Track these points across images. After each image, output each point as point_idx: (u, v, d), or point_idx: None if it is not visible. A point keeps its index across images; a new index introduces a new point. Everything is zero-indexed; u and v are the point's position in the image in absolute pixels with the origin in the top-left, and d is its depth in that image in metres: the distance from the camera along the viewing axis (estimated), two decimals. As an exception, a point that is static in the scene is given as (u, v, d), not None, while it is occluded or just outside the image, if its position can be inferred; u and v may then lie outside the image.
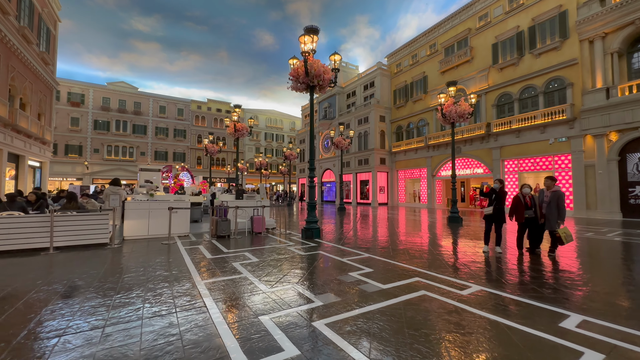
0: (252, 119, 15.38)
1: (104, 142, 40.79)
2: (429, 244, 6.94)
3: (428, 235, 8.21)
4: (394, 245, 6.73)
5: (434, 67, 23.57)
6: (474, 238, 7.86)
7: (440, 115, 11.90)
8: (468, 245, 6.77)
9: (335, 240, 7.38)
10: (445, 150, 22.30)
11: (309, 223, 7.61)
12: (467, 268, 4.72)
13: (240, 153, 50.26)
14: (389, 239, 7.54)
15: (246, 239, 7.53)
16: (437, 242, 7.16)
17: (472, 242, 7.28)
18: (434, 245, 6.80)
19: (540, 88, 16.64)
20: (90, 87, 40.72)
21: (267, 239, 7.45)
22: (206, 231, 8.69)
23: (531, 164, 17.21)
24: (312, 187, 7.75)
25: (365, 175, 27.71)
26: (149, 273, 4.30)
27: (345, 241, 7.20)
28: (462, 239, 7.64)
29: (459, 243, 7.11)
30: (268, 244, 6.83)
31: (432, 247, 6.56)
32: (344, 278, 4.10)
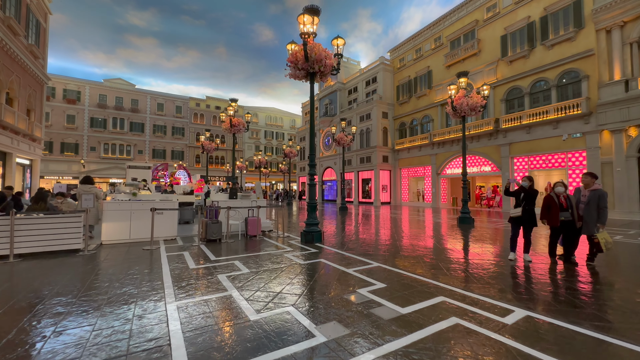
0: (249, 114, 14.59)
1: (100, 140, 40.06)
2: (443, 249, 6.16)
3: (439, 238, 7.43)
4: (404, 250, 5.95)
5: (439, 61, 22.71)
6: (492, 242, 7.08)
7: (449, 109, 11.09)
8: (489, 251, 5.98)
9: (338, 244, 6.60)
10: (450, 147, 21.49)
11: (309, 225, 6.83)
12: (498, 282, 3.94)
13: (239, 151, 49.50)
14: (398, 243, 6.76)
15: (239, 243, 6.75)
16: (452, 247, 6.38)
17: (492, 246, 6.50)
18: (449, 250, 6.02)
19: (552, 81, 15.80)
20: (87, 84, 39.95)
21: (262, 244, 6.68)
22: (197, 234, 7.92)
23: (542, 161, 16.39)
24: (312, 185, 6.97)
25: (367, 174, 26.92)
26: (113, 290, 3.53)
27: (349, 246, 6.42)
28: (479, 243, 6.86)
29: (477, 248, 6.32)
30: (263, 249, 6.06)
31: (448, 253, 5.78)
32: (351, 297, 3.33)
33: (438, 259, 5.22)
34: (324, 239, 7.22)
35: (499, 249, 6.28)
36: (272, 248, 6.18)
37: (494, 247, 6.42)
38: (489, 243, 6.94)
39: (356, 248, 6.20)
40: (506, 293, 3.51)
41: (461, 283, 3.87)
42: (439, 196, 22.56)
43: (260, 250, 5.93)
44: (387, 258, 5.29)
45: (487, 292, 3.54)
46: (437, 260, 5.17)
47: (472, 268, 4.66)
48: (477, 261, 5.14)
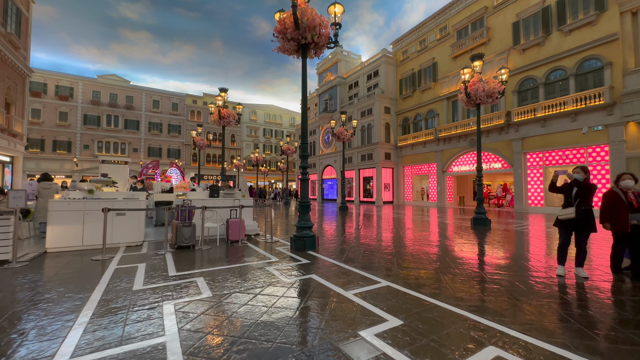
0: (240, 105, 13.39)
1: (94, 138, 38.97)
2: (464, 258, 4.96)
3: (456, 244, 6.23)
4: (416, 261, 4.75)
5: (445, 52, 21.46)
6: (520, 249, 5.87)
7: (462, 96, 9.87)
8: (524, 263, 4.77)
9: (335, 252, 5.41)
10: (457, 143, 20.25)
11: (301, 229, 5.64)
12: (561, 314, 2.74)
13: (237, 149, 48.34)
14: (407, 251, 5.56)
15: (216, 251, 5.57)
16: (475, 256, 5.18)
17: (525, 256, 5.29)
18: (472, 261, 4.81)
19: (570, 70, 14.55)
20: (80, 80, 38.85)
21: (243, 251, 5.49)
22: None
23: (559, 157, 15.14)
24: (305, 180, 5.78)
25: (368, 172, 25.70)
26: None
27: (349, 255, 5.22)
28: (505, 251, 5.65)
29: (507, 258, 5.11)
30: (242, 259, 4.87)
31: (473, 265, 4.57)
32: (352, 350, 2.13)
33: (464, 275, 4.02)
34: (319, 245, 6.03)
35: (535, 259, 5.07)
36: (254, 258, 4.99)
37: (529, 257, 5.21)
38: (519, 251, 5.73)
39: (357, 258, 5.01)
40: (585, 337, 2.31)
41: (511, 317, 2.67)
42: (445, 195, 21.33)
43: (238, 261, 4.73)
44: (397, 273, 4.09)
45: (559, 334, 2.34)
46: (463, 276, 3.97)
47: (515, 291, 3.45)
48: (517, 278, 3.93)
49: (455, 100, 20.71)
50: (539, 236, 7.48)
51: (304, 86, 6.01)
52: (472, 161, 19.65)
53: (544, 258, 5.09)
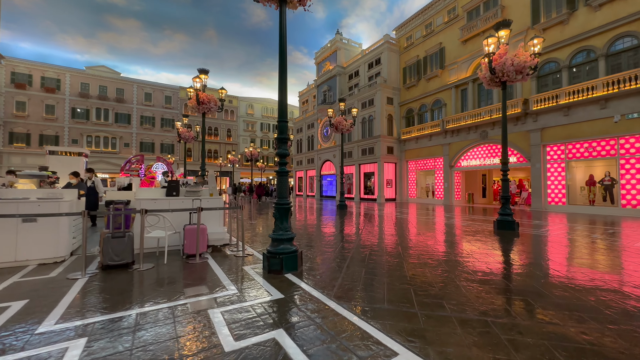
0: (224, 89, 11.71)
1: (83, 132, 37.33)
2: (524, 289, 3.34)
3: (492, 259, 4.61)
4: (452, 296, 3.13)
5: (453, 36, 19.66)
6: (592, 265, 4.24)
7: (484, 74, 8.17)
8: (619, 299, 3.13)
9: (326, 276, 3.80)
10: (467, 135, 18.55)
11: (277, 243, 4.01)
12: None
13: (233, 144, 46.65)
14: (431, 274, 3.94)
15: (157, 272, 3.96)
16: (534, 284, 3.55)
17: (601, 276, 3.66)
18: (537, 294, 3.18)
19: (600, 50, 12.80)
20: (67, 72, 37.09)
21: (196, 274, 3.89)
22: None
23: (584, 149, 13.46)
24: (283, 174, 4.14)
25: (369, 167, 24.04)
26: None
27: (345, 282, 3.61)
28: (569, 267, 4.02)
29: (582, 283, 3.47)
30: (182, 292, 3.26)
31: (547, 305, 2.94)
32: None
33: (548, 335, 2.39)
34: (304, 263, 4.42)
35: (613, 279, 3.43)
36: (204, 288, 3.37)
37: (602, 276, 3.57)
38: (591, 266, 4.09)
39: (357, 287, 3.39)
40: None
41: None
42: (453, 192, 19.68)
43: (175, 295, 3.12)
44: (425, 327, 2.46)
45: None
46: (548, 336, 2.34)
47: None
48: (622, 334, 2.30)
49: (465, 89, 18.97)
50: (599, 248, 5.85)
51: (281, 42, 4.36)
52: (484, 155, 17.97)
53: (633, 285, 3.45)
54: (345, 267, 4.22)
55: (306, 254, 4.98)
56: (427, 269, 4.08)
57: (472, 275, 3.77)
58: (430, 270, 4.02)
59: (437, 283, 3.49)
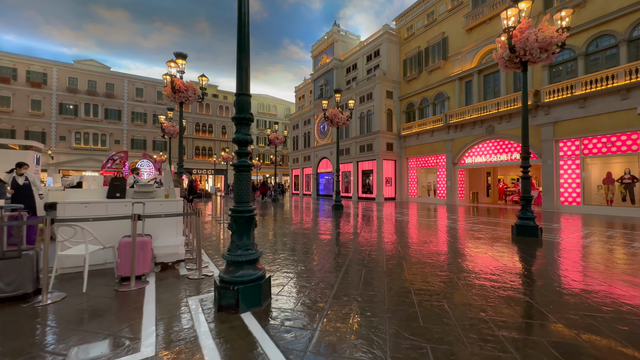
0: (204, 77, 10.45)
1: (71, 129, 35.95)
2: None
3: (528, 280, 3.46)
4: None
5: (457, 24, 18.45)
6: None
7: (500, 54, 6.99)
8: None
9: (302, 318, 2.64)
10: (471, 130, 17.38)
11: (234, 266, 2.82)
12: None
13: (228, 142, 45.34)
14: (454, 315, 2.78)
15: (66, 307, 2.79)
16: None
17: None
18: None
19: (621, 35, 11.63)
20: (54, 66, 35.65)
21: (118, 311, 2.73)
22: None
23: (602, 144, 12.32)
24: (243, 168, 2.95)
25: (368, 164, 22.86)
26: None
27: (329, 327, 2.44)
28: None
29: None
30: (70, 355, 2.08)
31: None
32: None
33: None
34: (276, 292, 3.25)
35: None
36: (103, 345, 2.18)
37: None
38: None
39: (347, 340, 2.22)
40: None
41: None
42: (456, 191, 18.54)
43: (57, 354, 1.94)
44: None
45: None
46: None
47: None
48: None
49: (470, 81, 17.78)
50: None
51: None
52: (490, 151, 16.81)
53: None
54: (331, 298, 3.05)
55: (283, 274, 3.81)
56: (452, 309, 2.91)
57: (510, 311, 2.60)
58: (459, 314, 2.84)
59: (472, 342, 2.31)
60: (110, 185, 4.41)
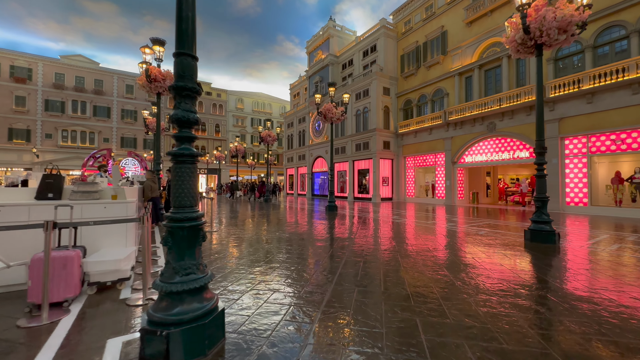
0: (185, 66, 9.62)
1: (57, 126, 34.71)
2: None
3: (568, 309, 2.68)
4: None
5: (457, 18, 17.74)
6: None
7: (511, 38, 6.20)
8: None
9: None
10: (472, 127, 16.67)
11: (171, 299, 1.99)
12: None
13: (222, 140, 44.34)
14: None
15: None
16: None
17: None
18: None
19: (633, 26, 10.97)
20: (39, 61, 34.39)
21: (1, 357, 1.87)
22: None
23: (611, 141, 11.65)
24: (184, 159, 2.10)
25: (364, 163, 22.07)
26: None
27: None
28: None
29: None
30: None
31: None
32: None
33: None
34: (234, 326, 2.42)
35: None
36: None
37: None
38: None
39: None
40: None
41: None
42: (455, 191, 17.82)
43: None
44: None
45: None
46: None
47: None
48: None
49: (470, 76, 17.06)
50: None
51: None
52: (491, 149, 16.11)
53: None
54: (313, 337, 2.22)
55: (253, 296, 2.98)
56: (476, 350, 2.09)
57: None
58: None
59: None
60: (40, 184, 3.53)
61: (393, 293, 3.10)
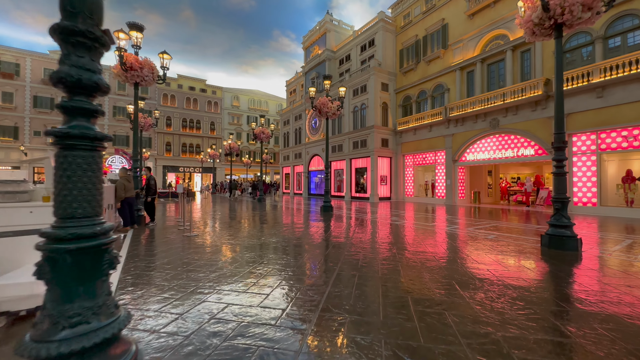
0: (166, 54, 8.78)
1: (46, 123, 33.72)
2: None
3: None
4: None
5: (459, 10, 17.03)
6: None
7: (526, 17, 5.50)
8: None
9: None
10: (473, 124, 15.99)
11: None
12: None
13: (217, 139, 43.45)
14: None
15: None
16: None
17: None
18: None
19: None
20: (27, 56, 33.33)
21: None
22: None
23: (622, 138, 11.00)
24: (72, 140, 1.37)
25: (362, 162, 21.36)
26: None
27: None
28: None
29: None
30: None
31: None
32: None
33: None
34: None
35: None
36: None
37: None
38: None
39: None
40: None
41: None
42: (456, 190, 17.15)
43: None
44: None
45: None
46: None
47: None
48: None
49: (472, 71, 16.37)
50: None
51: None
52: (494, 147, 15.44)
53: None
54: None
55: (198, 340, 2.25)
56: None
57: None
58: None
59: None
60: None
61: (396, 324, 2.37)
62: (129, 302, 2.80)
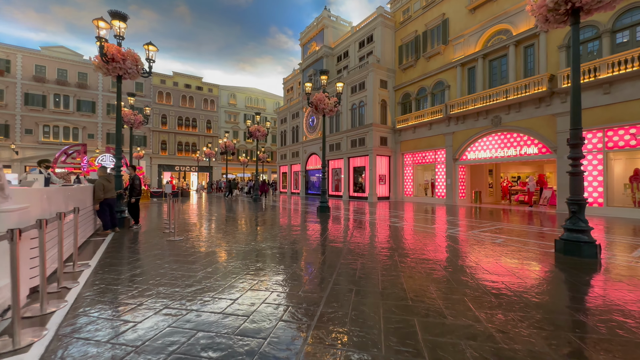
0: (152, 45, 8.24)
1: (38, 121, 32.99)
2: None
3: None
4: None
5: (459, 4, 16.55)
6: None
7: (537, 3, 5.04)
8: None
9: None
10: (474, 122, 15.55)
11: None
12: None
13: (214, 137, 42.81)
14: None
15: None
16: None
17: None
18: None
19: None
20: (18, 52, 32.56)
21: None
22: None
23: (631, 136, 10.59)
24: None
25: (360, 161, 20.89)
26: None
27: None
28: None
29: None
30: None
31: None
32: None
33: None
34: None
35: None
36: None
37: None
38: None
39: None
40: None
41: None
42: (456, 190, 16.72)
43: None
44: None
45: None
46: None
47: None
48: None
49: (473, 67, 15.91)
50: None
51: None
52: (496, 145, 15.01)
53: None
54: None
55: None
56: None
57: None
58: None
59: None
60: None
61: (401, 358, 1.90)
62: (68, 334, 2.30)
